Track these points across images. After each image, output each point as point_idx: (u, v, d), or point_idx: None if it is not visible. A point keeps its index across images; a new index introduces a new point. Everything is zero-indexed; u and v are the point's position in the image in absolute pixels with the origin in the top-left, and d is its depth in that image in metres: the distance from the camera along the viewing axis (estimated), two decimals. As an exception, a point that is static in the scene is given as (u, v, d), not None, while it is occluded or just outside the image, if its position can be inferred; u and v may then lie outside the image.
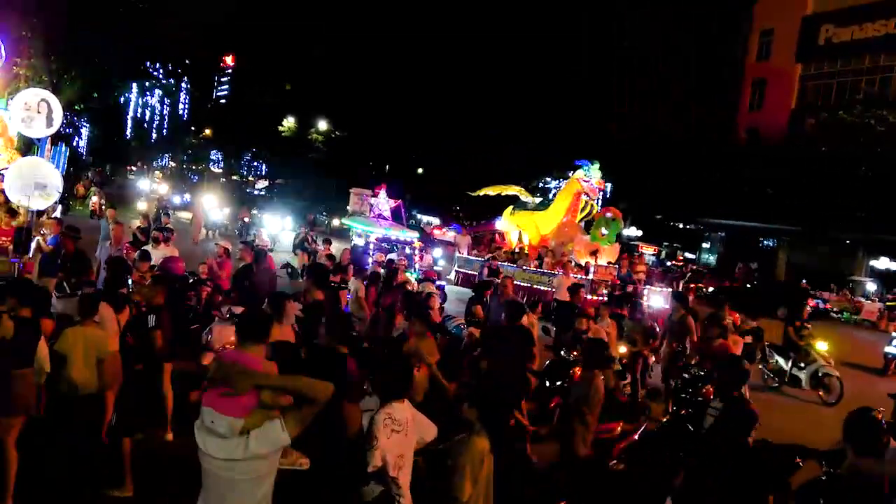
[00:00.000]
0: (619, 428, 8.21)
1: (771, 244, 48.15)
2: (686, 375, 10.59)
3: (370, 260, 19.13)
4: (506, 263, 24.77)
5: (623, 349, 12.54)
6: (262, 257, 12.47)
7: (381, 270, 16.63)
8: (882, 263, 41.05)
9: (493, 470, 5.42)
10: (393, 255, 19.96)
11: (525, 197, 30.97)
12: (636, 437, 8.24)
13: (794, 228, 42.34)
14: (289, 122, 77.67)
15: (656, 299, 22.49)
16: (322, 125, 74.67)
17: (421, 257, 21.83)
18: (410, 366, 5.71)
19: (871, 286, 39.53)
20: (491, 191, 31.18)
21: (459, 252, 29.10)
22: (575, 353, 10.69)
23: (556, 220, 27.21)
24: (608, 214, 26.52)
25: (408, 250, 21.32)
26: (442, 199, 65.87)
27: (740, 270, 45.46)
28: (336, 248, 20.38)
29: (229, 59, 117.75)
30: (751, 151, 45.94)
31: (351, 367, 6.19)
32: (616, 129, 57.53)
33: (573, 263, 23.07)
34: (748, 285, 38.91)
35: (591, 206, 26.86)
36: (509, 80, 65.13)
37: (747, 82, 53.84)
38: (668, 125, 54.80)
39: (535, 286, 23.42)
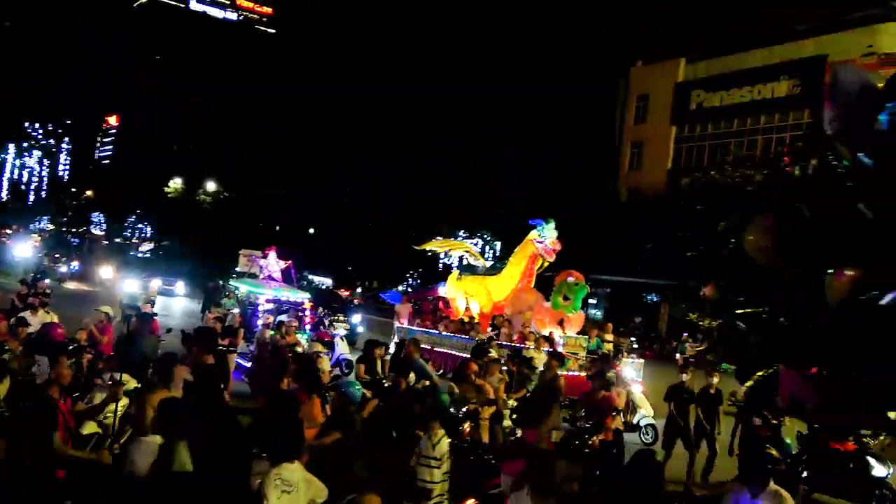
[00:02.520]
0: (508, 482, 8.35)
1: (654, 298, 49.89)
2: (572, 428, 10.88)
3: (259, 322, 18.84)
4: (455, 335, 22.93)
5: (513, 403, 12.79)
6: (146, 322, 12.21)
7: (269, 333, 16.47)
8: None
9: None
10: (283, 317, 19.72)
11: (474, 259, 28.64)
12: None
13: (672, 283, 44.03)
14: (175, 183, 76.22)
15: (628, 371, 19.73)
16: (210, 186, 73.52)
17: (311, 319, 21.62)
18: (301, 427, 5.75)
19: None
20: (437, 246, 28.95)
21: (399, 322, 26.23)
22: (465, 409, 10.84)
23: (510, 285, 24.32)
24: (570, 279, 23.24)
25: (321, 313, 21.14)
26: (334, 257, 65.61)
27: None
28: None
29: (113, 120, 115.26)
30: (632, 209, 47.83)
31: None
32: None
33: (535, 335, 20.52)
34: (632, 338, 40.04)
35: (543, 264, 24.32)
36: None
37: (627, 144, 56.38)
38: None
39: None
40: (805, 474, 10.26)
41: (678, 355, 35.02)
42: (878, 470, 9.99)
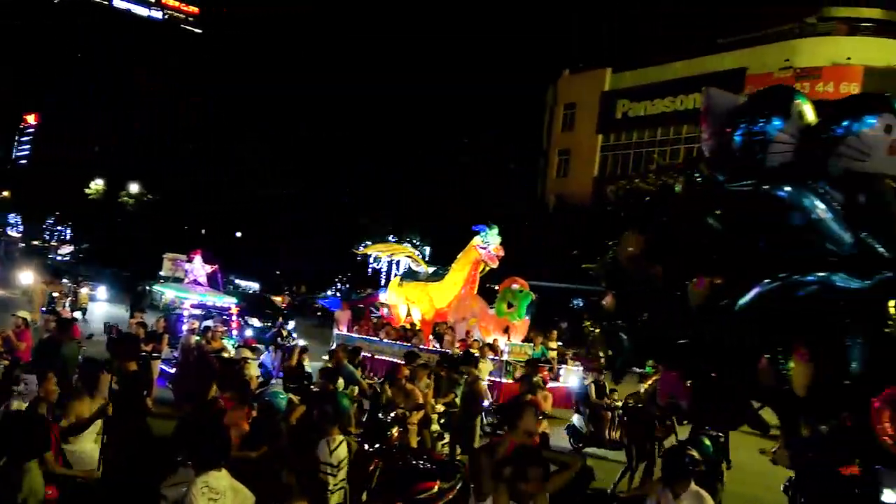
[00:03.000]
0: (436, 486, 8.42)
1: (580, 304, 50.65)
2: (500, 432, 11.02)
3: (184, 327, 18.55)
4: (397, 343, 22.25)
5: (440, 408, 12.88)
6: (66, 327, 11.93)
7: (195, 339, 16.22)
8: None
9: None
10: (209, 322, 19.49)
11: (416, 265, 27.50)
12: (453, 495, 8.51)
13: (599, 288, 44.79)
14: (97, 185, 74.23)
15: (573, 378, 20.40)
16: (133, 187, 71.77)
17: (238, 324, 21.38)
18: (228, 434, 5.70)
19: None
20: (380, 251, 28.07)
21: (339, 329, 25.51)
22: (393, 414, 10.88)
23: (453, 292, 23.83)
24: (514, 286, 22.92)
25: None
26: (262, 261, 64.72)
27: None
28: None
29: (31, 118, 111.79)
30: (560, 215, 48.56)
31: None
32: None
33: (479, 342, 20.28)
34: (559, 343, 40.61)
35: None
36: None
37: (554, 151, 57.21)
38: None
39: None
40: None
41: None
42: (888, 496, 10.01)
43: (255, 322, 25.21)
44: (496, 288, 24.33)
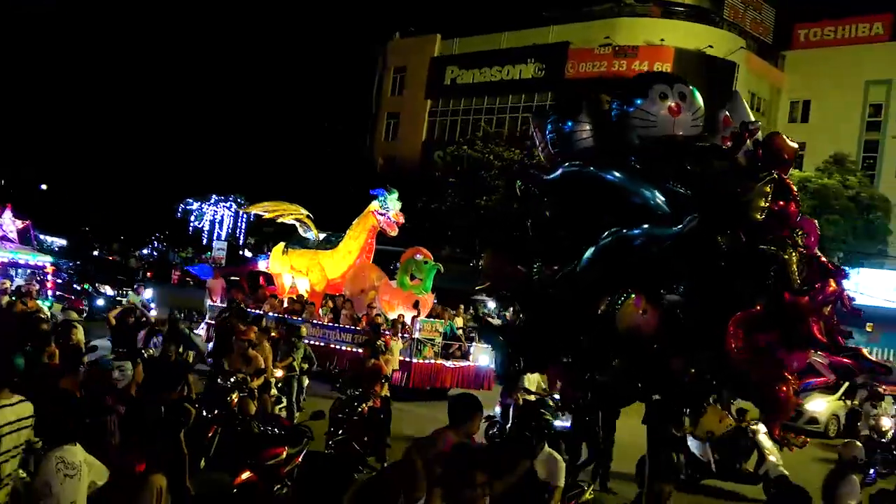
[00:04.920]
0: (284, 452, 8.40)
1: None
2: (342, 396, 11.11)
3: (-7, 288, 17.29)
4: (287, 317, 19.71)
5: (279, 373, 12.78)
6: None
7: (6, 299, 15.21)
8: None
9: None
10: (20, 282, 18.31)
11: (305, 230, 24.66)
12: (300, 459, 8.52)
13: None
14: None
15: (483, 357, 19.20)
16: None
17: (53, 284, 20.16)
18: (82, 406, 5.44)
19: (492, 304, 43.37)
20: (267, 210, 25.40)
21: (212, 299, 23.45)
22: (232, 379, 10.68)
23: (347, 261, 22.27)
24: (418, 256, 21.15)
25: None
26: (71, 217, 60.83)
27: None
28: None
29: None
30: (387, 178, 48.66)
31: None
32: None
33: (382, 316, 19.16)
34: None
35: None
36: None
37: (383, 114, 57.23)
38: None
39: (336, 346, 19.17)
40: None
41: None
42: None
43: (108, 290, 23.19)
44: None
